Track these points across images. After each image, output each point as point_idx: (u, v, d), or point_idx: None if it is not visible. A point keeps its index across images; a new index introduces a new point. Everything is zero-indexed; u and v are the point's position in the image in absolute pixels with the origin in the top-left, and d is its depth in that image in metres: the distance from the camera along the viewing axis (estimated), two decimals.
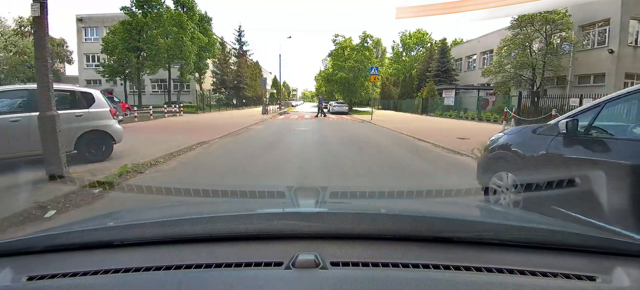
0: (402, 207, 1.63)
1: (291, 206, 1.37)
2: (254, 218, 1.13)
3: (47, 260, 0.90)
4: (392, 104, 39.34)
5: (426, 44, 43.47)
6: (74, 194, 4.06)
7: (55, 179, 4.41)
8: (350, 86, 33.60)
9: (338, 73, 33.35)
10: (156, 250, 0.92)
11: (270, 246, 0.89)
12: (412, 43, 44.79)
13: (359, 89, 34.03)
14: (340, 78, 33.33)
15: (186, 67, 24.96)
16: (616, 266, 0.83)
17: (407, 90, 37.95)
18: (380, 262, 0.81)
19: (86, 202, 3.95)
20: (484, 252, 0.88)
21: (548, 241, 0.94)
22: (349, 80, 33.21)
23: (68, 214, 3.61)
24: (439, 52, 35.67)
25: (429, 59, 37.75)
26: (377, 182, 5.00)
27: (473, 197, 3.43)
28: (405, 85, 37.86)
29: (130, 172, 5.28)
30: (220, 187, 3.17)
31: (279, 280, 0.75)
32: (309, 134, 12.27)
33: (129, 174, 5.22)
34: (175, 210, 1.67)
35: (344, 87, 34.13)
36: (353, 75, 32.82)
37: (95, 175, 4.92)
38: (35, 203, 3.64)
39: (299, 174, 5.57)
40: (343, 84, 33.69)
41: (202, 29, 27.86)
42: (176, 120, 17.38)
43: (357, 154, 7.76)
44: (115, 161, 5.96)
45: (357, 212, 1.19)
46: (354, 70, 32.98)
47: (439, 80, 33.58)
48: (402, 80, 39.12)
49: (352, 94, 34.35)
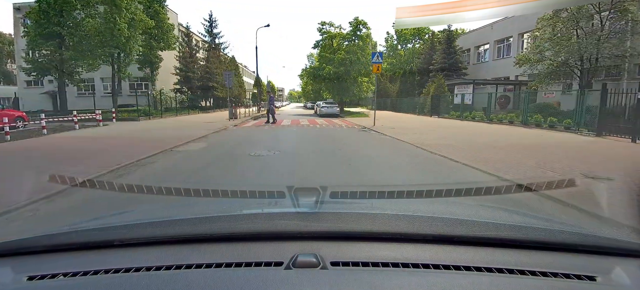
0: (402, 207, 1.44)
1: (291, 206, 1.32)
2: (254, 218, 1.14)
3: (47, 260, 0.91)
4: (389, 104, 33.87)
5: (424, 36, 38.21)
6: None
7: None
8: (341, 83, 27.80)
9: (326, 67, 27.49)
10: (156, 250, 0.91)
11: (270, 246, 0.89)
12: (408, 34, 39.46)
13: (351, 85, 28.27)
14: (329, 73, 27.48)
15: (123, 59, 18.73)
16: (616, 266, 0.83)
17: (406, 88, 32.51)
18: (380, 262, 0.81)
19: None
20: (484, 252, 0.87)
21: (548, 241, 0.93)
22: (339, 75, 27.40)
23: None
24: (444, 42, 30.40)
25: (430, 50, 32.50)
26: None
27: (473, 197, 3.21)
28: (404, 81, 32.44)
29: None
30: (221, 187, 2.98)
31: (279, 280, 0.75)
32: (273, 165, 6.24)
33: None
34: (175, 210, 1.67)
35: (333, 84, 28.30)
36: (344, 70, 27.04)
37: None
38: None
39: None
40: (332, 80, 27.86)
41: (151, 12, 21.66)
42: (67, 138, 11.31)
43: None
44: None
45: (357, 212, 1.19)
46: (345, 64, 27.20)
47: (444, 74, 28.46)
48: (400, 76, 33.67)
49: (343, 93, 28.60)
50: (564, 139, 9.91)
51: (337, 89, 28.22)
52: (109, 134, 11.75)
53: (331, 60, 27.72)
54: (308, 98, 56.76)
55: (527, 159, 6.42)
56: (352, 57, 27.16)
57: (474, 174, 5.44)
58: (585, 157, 6.59)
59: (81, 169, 5.64)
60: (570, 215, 3.50)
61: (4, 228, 3.41)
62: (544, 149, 7.63)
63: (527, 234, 0.96)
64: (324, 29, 30.09)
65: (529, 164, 5.89)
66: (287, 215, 1.11)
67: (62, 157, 7.07)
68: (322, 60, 28.60)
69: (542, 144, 8.58)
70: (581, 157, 6.64)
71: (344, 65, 26.84)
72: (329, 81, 28.10)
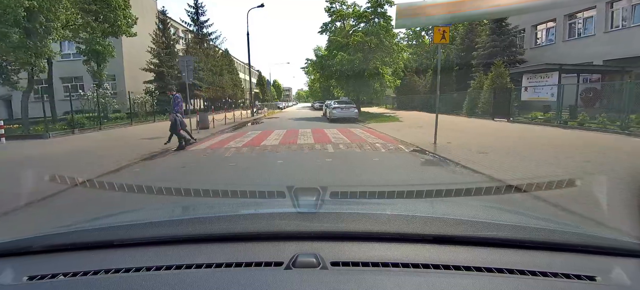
0: (402, 207, 1.52)
1: (291, 206, 1.22)
2: (254, 218, 1.14)
3: (47, 260, 0.90)
4: (417, 102, 26.81)
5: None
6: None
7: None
8: (358, 75, 20.71)
9: (337, 55, 20.48)
10: (156, 250, 0.91)
11: (270, 246, 0.89)
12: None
13: (372, 78, 21.17)
14: (341, 63, 20.44)
15: (40, 41, 12.13)
16: (616, 266, 0.83)
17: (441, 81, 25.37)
18: (380, 262, 0.81)
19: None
20: (484, 252, 0.87)
21: (548, 241, 0.92)
22: (355, 66, 20.36)
23: None
24: (491, 20, 23.18)
25: (469, 33, 25.36)
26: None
27: (473, 197, 3.14)
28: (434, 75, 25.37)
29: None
30: (221, 187, 2.95)
31: (279, 280, 0.75)
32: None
33: None
34: (175, 210, 1.66)
35: (348, 77, 21.23)
36: (362, 57, 20.03)
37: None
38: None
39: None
40: (346, 72, 20.81)
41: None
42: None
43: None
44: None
45: (357, 212, 1.18)
46: (364, 49, 20.22)
47: (491, 62, 21.50)
48: (433, 68, 26.52)
49: (361, 89, 21.53)
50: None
51: (353, 84, 21.15)
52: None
53: (344, 45, 20.76)
54: (316, 97, 49.56)
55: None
56: (373, 41, 20.15)
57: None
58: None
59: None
60: (571, 215, 3.19)
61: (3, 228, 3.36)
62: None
63: (527, 234, 0.95)
64: (334, 7, 23.16)
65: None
66: (287, 215, 1.07)
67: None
68: (332, 45, 21.63)
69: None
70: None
71: (362, 51, 19.80)
72: (342, 74, 21.07)
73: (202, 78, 26.88)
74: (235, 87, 37.08)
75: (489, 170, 5.19)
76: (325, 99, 28.41)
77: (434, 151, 7.09)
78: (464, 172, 5.36)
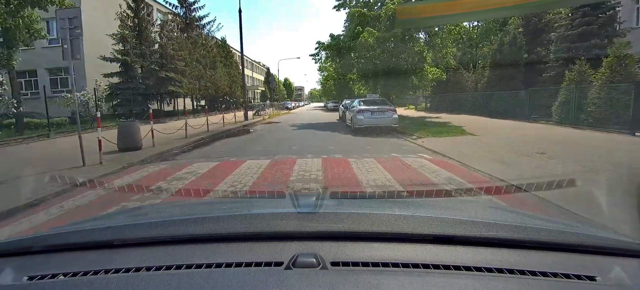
0: (403, 208, 1.41)
1: (291, 206, 1.21)
2: (254, 218, 1.11)
3: (47, 260, 0.90)
4: (465, 101, 20.24)
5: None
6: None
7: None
8: (393, 64, 14.14)
9: (363, 33, 13.99)
10: (156, 250, 0.91)
11: (270, 246, 0.89)
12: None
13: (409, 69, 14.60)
14: (365, 45, 13.94)
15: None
16: (616, 266, 0.83)
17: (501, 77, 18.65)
18: (380, 262, 0.81)
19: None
20: (484, 252, 0.87)
21: (548, 241, 0.92)
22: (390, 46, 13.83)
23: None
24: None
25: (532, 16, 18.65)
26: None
27: (473, 197, 3.13)
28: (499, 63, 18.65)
29: None
30: (221, 187, 2.93)
31: (279, 280, 0.75)
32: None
33: None
34: (175, 210, 1.65)
35: (375, 67, 14.69)
36: (400, 37, 13.55)
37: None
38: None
39: None
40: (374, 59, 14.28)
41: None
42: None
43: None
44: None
45: (357, 212, 1.14)
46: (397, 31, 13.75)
47: (576, 46, 15.02)
48: (492, 55, 19.81)
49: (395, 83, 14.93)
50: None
51: (384, 76, 14.64)
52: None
53: (369, 21, 14.39)
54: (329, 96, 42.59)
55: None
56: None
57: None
58: None
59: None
60: (571, 215, 3.24)
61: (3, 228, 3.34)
62: None
63: (527, 234, 0.95)
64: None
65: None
66: (287, 216, 1.06)
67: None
68: (353, 21, 15.23)
69: None
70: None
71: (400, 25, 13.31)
72: (368, 61, 14.57)
73: (183, 71, 20.99)
74: (234, 84, 31.19)
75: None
76: (342, 97, 22.14)
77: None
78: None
